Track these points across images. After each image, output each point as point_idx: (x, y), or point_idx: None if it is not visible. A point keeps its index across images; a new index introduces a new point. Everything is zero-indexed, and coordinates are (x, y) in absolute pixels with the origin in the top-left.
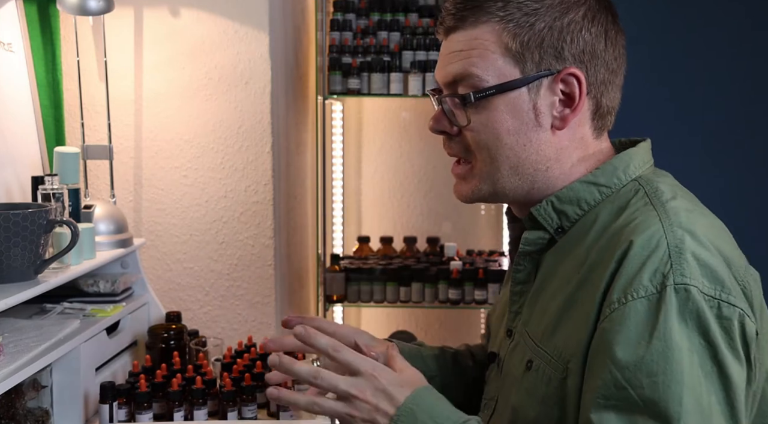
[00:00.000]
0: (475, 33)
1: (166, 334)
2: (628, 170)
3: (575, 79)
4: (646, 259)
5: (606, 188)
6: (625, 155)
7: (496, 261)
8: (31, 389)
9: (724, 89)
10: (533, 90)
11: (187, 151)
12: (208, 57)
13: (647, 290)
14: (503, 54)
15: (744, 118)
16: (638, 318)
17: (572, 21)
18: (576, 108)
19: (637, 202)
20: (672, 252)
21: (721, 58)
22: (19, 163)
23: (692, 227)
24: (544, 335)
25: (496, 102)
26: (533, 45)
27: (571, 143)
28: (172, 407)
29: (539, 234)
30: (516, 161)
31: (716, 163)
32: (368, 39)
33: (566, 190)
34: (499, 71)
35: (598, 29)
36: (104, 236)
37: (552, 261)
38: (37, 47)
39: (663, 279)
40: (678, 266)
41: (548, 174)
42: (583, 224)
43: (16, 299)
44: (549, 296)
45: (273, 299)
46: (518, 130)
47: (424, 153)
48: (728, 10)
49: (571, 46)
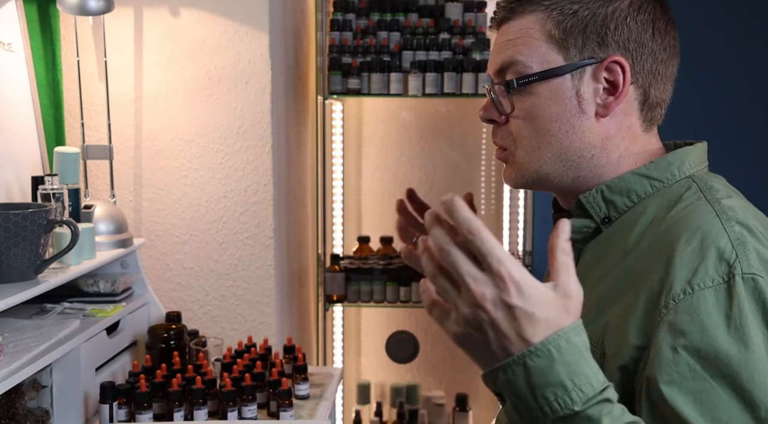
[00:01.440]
0: (522, 22)
1: (166, 334)
2: (683, 167)
3: (619, 67)
4: (707, 250)
5: (658, 182)
6: (681, 152)
7: None
8: (31, 389)
9: (724, 89)
10: (576, 77)
11: (187, 151)
12: (208, 57)
13: (714, 280)
14: (547, 41)
15: (744, 117)
16: (708, 308)
17: (617, 9)
18: (619, 96)
19: (690, 196)
20: (735, 244)
21: (722, 58)
22: (19, 163)
23: (748, 222)
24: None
25: (539, 88)
26: (576, 31)
27: (618, 132)
28: (172, 407)
29: (585, 222)
30: (559, 148)
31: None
32: (368, 39)
33: (617, 180)
34: (543, 58)
35: (644, 18)
36: (104, 236)
37: (594, 251)
38: (37, 47)
39: (729, 269)
40: (744, 257)
41: (594, 162)
42: (630, 215)
43: (16, 299)
44: (591, 283)
45: (273, 299)
46: (561, 117)
47: (424, 153)
48: (729, 9)
49: (615, 33)
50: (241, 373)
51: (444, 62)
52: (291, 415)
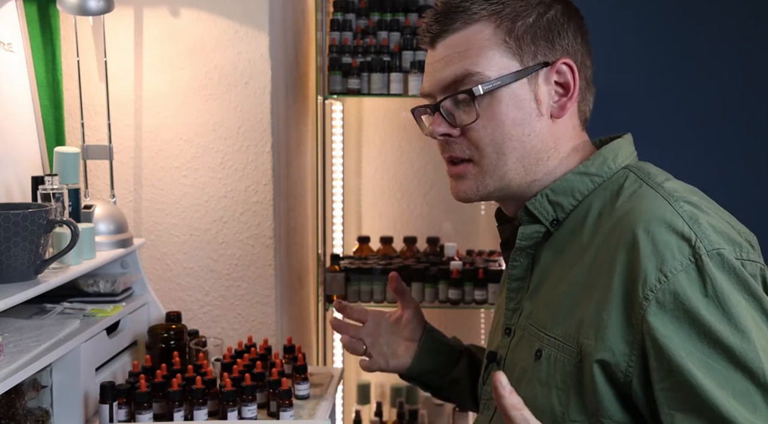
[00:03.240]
0: (467, 33)
1: (166, 334)
2: (617, 159)
3: (568, 68)
4: (667, 234)
5: (597, 177)
6: (612, 146)
7: (496, 261)
8: (31, 389)
9: (725, 88)
10: (532, 81)
11: (187, 151)
12: (208, 57)
13: (683, 264)
14: (501, 48)
15: (744, 117)
16: (685, 291)
17: (554, 17)
18: (572, 96)
19: (631, 185)
20: (690, 223)
21: (723, 58)
22: (19, 164)
23: (694, 200)
24: (553, 322)
25: (500, 95)
26: (528, 37)
27: (566, 131)
28: (172, 407)
29: (535, 228)
30: (522, 152)
31: (717, 162)
32: (368, 39)
33: (560, 182)
34: (499, 65)
35: (575, 25)
36: (104, 236)
37: (549, 253)
38: (37, 47)
39: (693, 249)
40: (702, 235)
41: (548, 164)
42: (577, 213)
43: (16, 299)
44: (552, 285)
45: (273, 299)
46: (522, 121)
47: (424, 153)
48: (729, 8)
49: (560, 37)
50: (241, 373)
51: None
52: (291, 415)
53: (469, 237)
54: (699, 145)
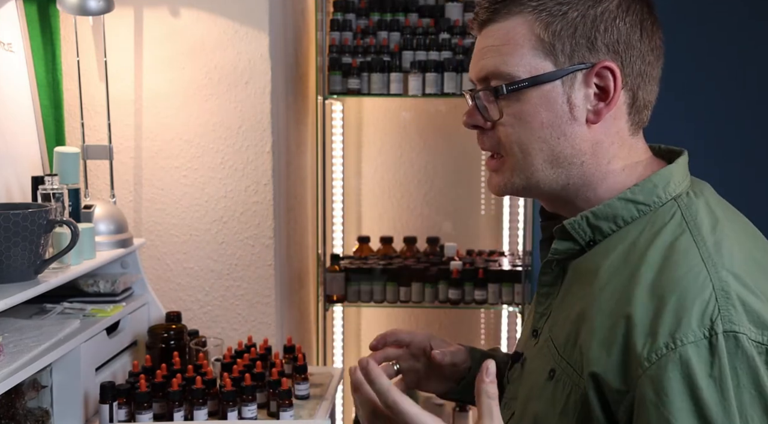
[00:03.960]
0: (507, 25)
1: (166, 334)
2: (668, 188)
3: (610, 73)
4: (692, 302)
5: (645, 206)
6: (666, 171)
7: (496, 261)
8: (31, 389)
9: (726, 88)
10: (567, 83)
11: (187, 151)
12: (208, 57)
13: (695, 335)
14: (534, 46)
15: (745, 117)
16: (690, 366)
17: (606, 10)
18: (611, 102)
19: (674, 228)
20: (718, 296)
21: (724, 57)
22: (19, 164)
23: (736, 268)
24: (566, 345)
25: (529, 95)
26: (565, 35)
27: (607, 138)
28: (172, 407)
29: (569, 245)
30: (550, 154)
31: (717, 162)
32: (368, 39)
33: (603, 207)
34: (530, 65)
35: (633, 19)
36: (104, 236)
37: (577, 271)
38: (37, 47)
39: (711, 324)
40: (726, 312)
41: (584, 169)
42: (615, 238)
43: (16, 299)
44: (569, 304)
45: (273, 299)
46: (552, 123)
47: (424, 153)
48: (730, 8)
49: (605, 35)
50: (241, 373)
51: (444, 62)
52: (291, 415)
53: (469, 237)
54: (699, 145)
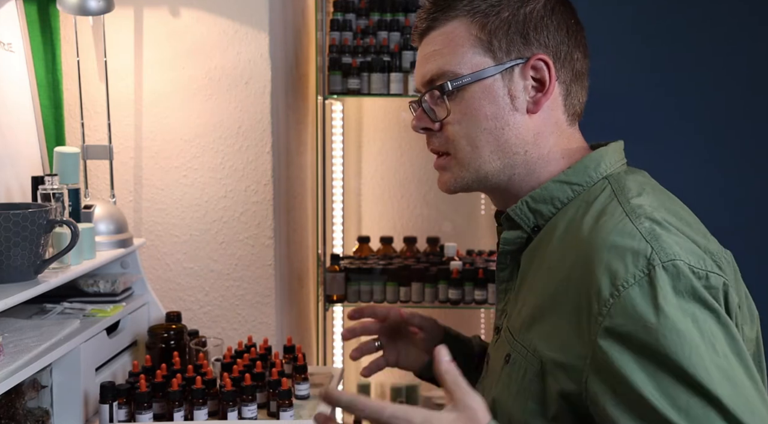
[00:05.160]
0: (446, 30)
1: (166, 334)
2: (599, 168)
3: (544, 65)
4: (624, 250)
5: (578, 186)
6: (596, 154)
7: (495, 261)
8: (31, 389)
9: (725, 88)
10: (506, 76)
11: (187, 151)
12: (208, 57)
13: (635, 276)
14: (473, 44)
15: (743, 116)
16: (637, 303)
17: (534, 9)
18: (547, 91)
19: (604, 198)
20: (648, 238)
21: (723, 57)
22: (19, 164)
23: (656, 216)
24: (521, 328)
25: (473, 90)
26: (501, 32)
27: (547, 127)
28: (172, 407)
29: (517, 233)
30: (496, 145)
31: (717, 162)
32: (368, 39)
33: (540, 190)
34: (471, 62)
35: (559, 18)
36: (104, 236)
37: (528, 259)
38: (37, 47)
39: (647, 261)
40: (658, 247)
41: (527, 158)
42: (554, 221)
43: (16, 299)
44: (525, 291)
45: (273, 299)
46: (496, 115)
47: (424, 153)
48: (731, 7)
49: (536, 32)
50: (241, 373)
51: None
52: (291, 415)
53: (469, 237)
54: (698, 144)
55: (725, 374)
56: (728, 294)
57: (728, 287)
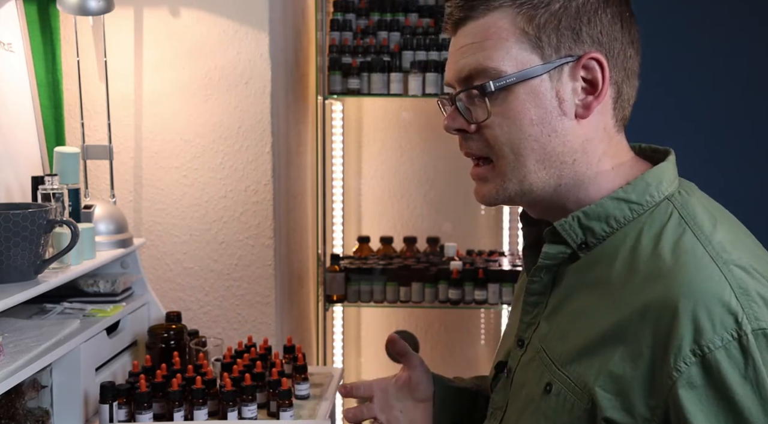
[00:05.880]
0: (486, 21)
1: (166, 334)
2: (661, 188)
3: (597, 64)
4: (712, 304)
5: (637, 206)
6: (658, 170)
7: (496, 261)
8: (31, 389)
9: (725, 88)
10: (555, 77)
11: (187, 151)
12: (208, 57)
13: (723, 339)
14: (519, 40)
15: (743, 116)
16: (722, 370)
17: (587, 2)
18: (600, 94)
19: (675, 228)
20: (738, 294)
21: (723, 57)
22: (19, 163)
23: (743, 262)
24: (568, 359)
25: (517, 91)
26: (550, 27)
27: (596, 134)
28: (172, 407)
29: (560, 248)
30: (542, 154)
31: (717, 162)
32: (368, 39)
33: (595, 206)
34: (516, 59)
35: (613, 11)
36: (104, 236)
37: (574, 278)
38: (37, 47)
39: (737, 325)
40: (749, 310)
41: (575, 168)
42: (611, 243)
43: (16, 299)
44: (572, 315)
45: (273, 299)
46: (542, 120)
47: (424, 153)
48: (731, 7)
49: (589, 27)
50: (241, 373)
51: (444, 62)
52: (291, 415)
53: (469, 237)
54: (698, 144)
55: None
56: None
57: None
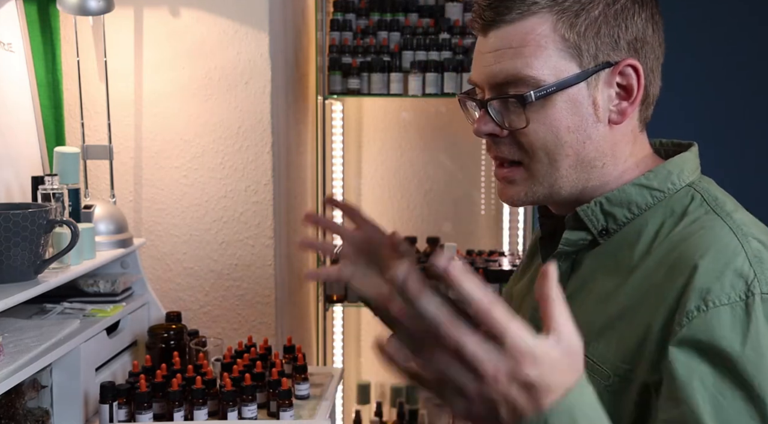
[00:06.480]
0: (525, 26)
1: (166, 334)
2: (683, 175)
3: (633, 71)
4: (724, 267)
5: (659, 193)
6: (680, 159)
7: (496, 261)
8: (31, 389)
9: (725, 88)
10: (592, 84)
11: (187, 151)
12: (208, 57)
13: (730, 297)
14: (559, 47)
15: (743, 116)
16: (723, 325)
17: (624, 6)
18: (635, 100)
19: (697, 209)
20: (752, 260)
21: (723, 57)
22: (19, 163)
23: (762, 238)
24: (588, 340)
25: (555, 99)
26: (590, 34)
27: (624, 137)
28: (172, 407)
29: (581, 235)
30: (575, 159)
31: (717, 162)
32: (368, 39)
33: (617, 192)
34: (556, 68)
35: (647, 14)
36: (104, 236)
37: (593, 264)
38: (37, 47)
39: (747, 287)
40: (762, 275)
41: (604, 171)
42: (632, 228)
43: (16, 299)
44: (591, 299)
45: (273, 299)
46: (578, 127)
47: (424, 153)
48: (731, 8)
49: (626, 33)
50: (241, 373)
51: (444, 62)
52: (291, 415)
53: (469, 237)
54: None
55: None
56: None
57: None
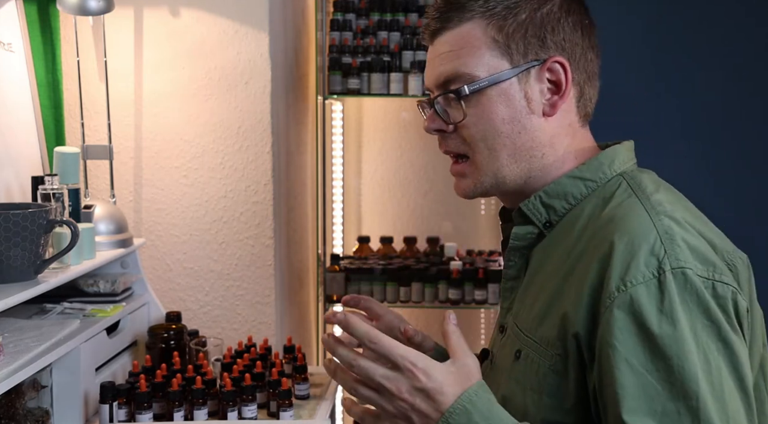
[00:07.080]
0: (461, 31)
1: (166, 334)
2: (613, 165)
3: (560, 67)
4: (638, 247)
5: (592, 182)
6: (610, 151)
7: (496, 261)
8: (31, 389)
9: (722, 89)
10: (523, 79)
11: (187, 151)
12: (208, 57)
13: (644, 276)
14: (490, 47)
15: (740, 117)
16: (641, 303)
17: (550, 11)
18: (564, 94)
19: (621, 194)
20: (663, 238)
21: (720, 57)
22: (19, 163)
23: (676, 215)
24: (533, 324)
25: (489, 93)
26: (518, 35)
27: (562, 130)
28: (172, 407)
29: (528, 229)
30: (513, 149)
31: (715, 162)
32: (368, 39)
33: (554, 185)
34: (488, 65)
35: (574, 19)
36: (104, 236)
37: (540, 256)
38: (37, 47)
39: (659, 264)
40: (671, 251)
41: (544, 161)
42: (569, 218)
43: (16, 299)
44: (538, 288)
45: (273, 299)
46: (513, 119)
47: (424, 153)
48: (728, 8)
49: (553, 34)
50: (241, 373)
51: None
52: (291, 415)
53: (469, 237)
54: (697, 145)
55: (713, 388)
56: (737, 302)
57: (736, 294)
